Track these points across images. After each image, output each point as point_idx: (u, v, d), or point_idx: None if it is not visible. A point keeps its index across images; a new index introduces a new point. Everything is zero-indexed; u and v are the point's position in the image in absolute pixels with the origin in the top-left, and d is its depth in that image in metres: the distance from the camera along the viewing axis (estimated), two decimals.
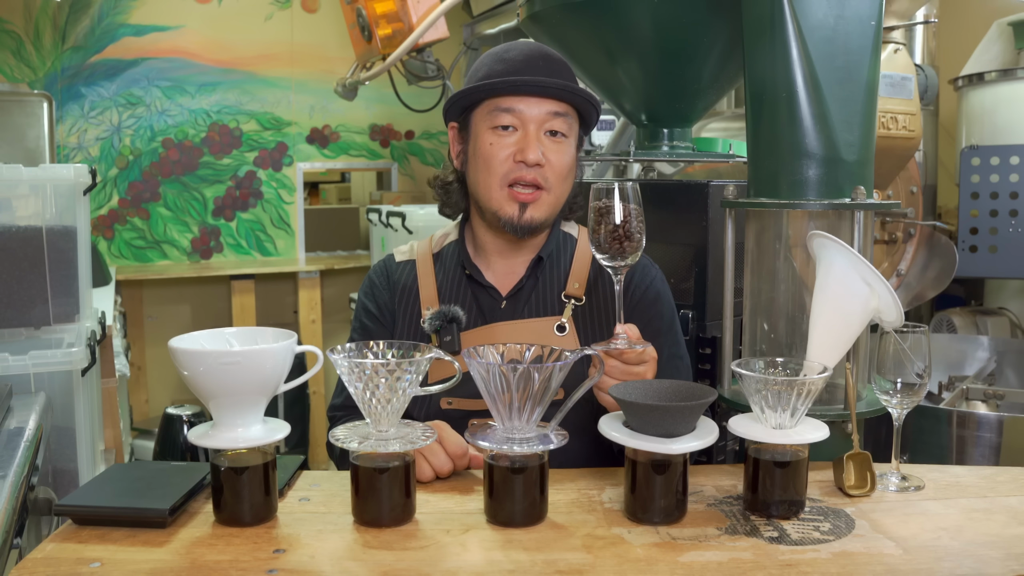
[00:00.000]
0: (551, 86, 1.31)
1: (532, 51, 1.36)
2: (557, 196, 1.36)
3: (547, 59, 1.35)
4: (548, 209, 1.35)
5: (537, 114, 1.31)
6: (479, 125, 1.35)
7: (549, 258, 1.42)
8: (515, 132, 1.32)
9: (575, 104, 1.35)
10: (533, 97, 1.31)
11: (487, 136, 1.33)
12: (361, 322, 1.47)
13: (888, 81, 1.97)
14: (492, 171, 1.33)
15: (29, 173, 1.82)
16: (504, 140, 1.32)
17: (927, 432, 2.02)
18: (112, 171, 4.16)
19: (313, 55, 4.45)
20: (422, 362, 0.99)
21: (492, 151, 1.33)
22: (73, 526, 1.01)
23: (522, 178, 1.31)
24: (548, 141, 1.33)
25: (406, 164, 4.74)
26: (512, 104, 1.31)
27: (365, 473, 1.00)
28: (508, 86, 1.31)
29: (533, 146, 1.30)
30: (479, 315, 1.40)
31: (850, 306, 1.14)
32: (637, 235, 1.12)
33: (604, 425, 1.05)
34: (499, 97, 1.32)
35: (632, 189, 1.11)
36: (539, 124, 1.32)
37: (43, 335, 1.83)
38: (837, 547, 0.96)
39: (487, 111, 1.34)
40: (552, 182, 1.33)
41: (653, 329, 1.37)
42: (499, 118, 1.32)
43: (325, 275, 4.33)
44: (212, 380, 0.97)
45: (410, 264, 1.47)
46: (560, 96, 1.32)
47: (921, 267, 2.55)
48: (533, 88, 1.31)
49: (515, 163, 1.32)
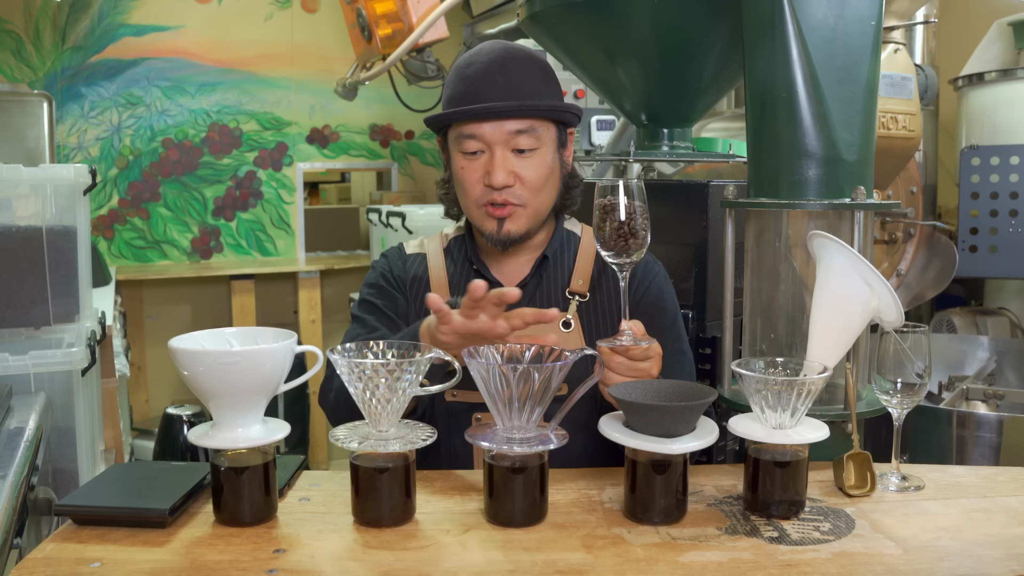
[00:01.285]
0: (504, 109, 1.30)
1: (491, 63, 1.34)
2: (535, 208, 1.36)
3: (506, 71, 1.33)
4: (527, 221, 1.36)
5: (499, 136, 1.31)
6: (452, 147, 1.38)
7: (553, 256, 1.43)
8: (482, 155, 1.33)
9: (540, 117, 1.34)
10: (492, 120, 1.31)
11: (458, 159, 1.36)
12: (380, 287, 1.45)
13: (888, 81, 1.97)
14: (466, 193, 1.36)
15: (29, 173, 1.82)
16: (473, 164, 1.34)
17: (927, 432, 2.02)
18: (112, 171, 4.16)
19: (313, 55, 4.45)
20: (422, 362, 0.99)
21: (464, 175, 1.35)
22: (73, 526, 1.01)
23: (493, 200, 1.33)
24: (516, 159, 1.33)
25: (406, 164, 4.74)
26: (473, 130, 1.32)
27: (365, 473, 1.00)
28: (463, 115, 1.32)
29: (498, 169, 1.31)
30: None
31: (850, 306, 1.14)
32: (642, 232, 1.12)
33: (604, 425, 1.05)
34: (461, 124, 1.33)
35: (637, 186, 1.12)
36: (504, 144, 1.32)
37: (43, 335, 1.83)
38: (837, 547, 0.96)
39: (455, 135, 1.35)
40: (526, 197, 1.34)
41: (656, 325, 1.38)
42: (465, 144, 1.33)
43: (325, 275, 4.33)
44: (212, 380, 0.97)
45: (420, 257, 1.48)
46: (518, 115, 1.31)
47: (921, 267, 2.55)
48: (490, 114, 1.30)
49: (485, 187, 1.33)
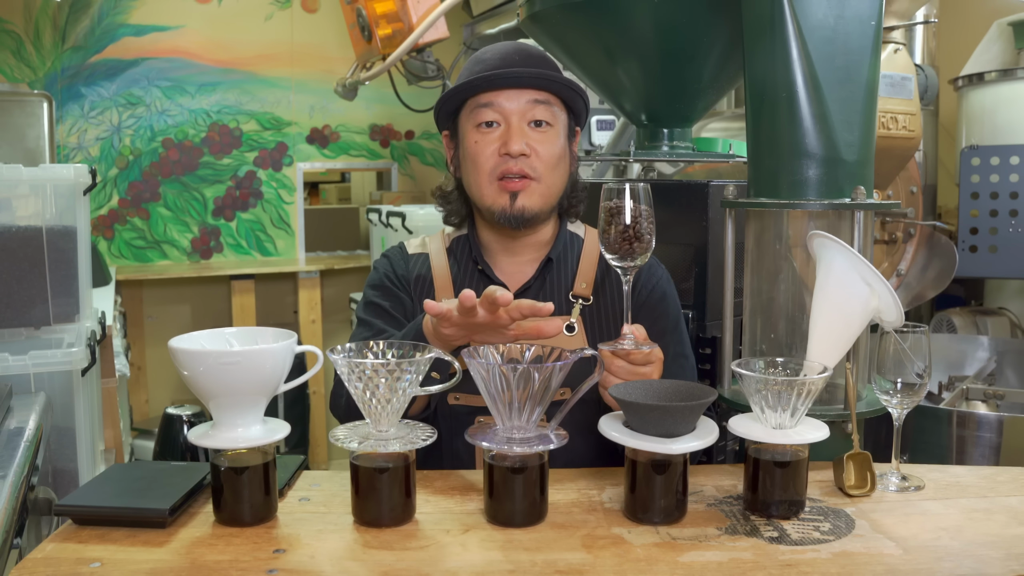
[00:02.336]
0: (525, 75, 1.33)
1: (508, 48, 1.39)
2: (548, 186, 1.36)
3: (523, 53, 1.37)
4: (540, 199, 1.36)
5: (517, 106, 1.33)
6: (465, 126, 1.38)
7: (557, 259, 1.42)
8: (498, 127, 1.34)
9: (556, 92, 1.36)
10: (511, 89, 1.33)
11: (472, 135, 1.36)
12: (384, 288, 1.44)
13: (888, 81, 1.97)
14: (480, 167, 1.35)
15: (29, 173, 1.82)
16: (488, 136, 1.34)
17: (927, 432, 2.02)
18: (112, 171, 4.16)
19: (313, 55, 4.44)
20: (422, 362, 0.99)
21: (478, 148, 1.35)
22: (73, 526, 1.01)
23: (509, 170, 1.33)
24: (532, 132, 1.34)
25: (406, 164, 4.74)
26: (491, 99, 1.34)
27: (365, 473, 1.00)
28: (484, 81, 1.33)
29: (516, 137, 1.32)
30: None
31: (850, 306, 1.14)
32: (647, 236, 1.12)
33: (604, 425, 1.05)
34: (479, 95, 1.35)
35: (643, 190, 1.12)
36: (521, 115, 1.33)
37: (43, 335, 1.83)
38: (837, 547, 0.96)
39: (470, 111, 1.36)
40: (541, 171, 1.34)
41: (659, 328, 1.38)
42: (481, 114, 1.34)
43: (325, 275, 4.33)
44: (212, 380, 0.97)
45: (423, 257, 1.48)
46: (537, 84, 1.34)
47: (921, 267, 2.55)
48: (509, 80, 1.33)
49: (501, 156, 1.33)
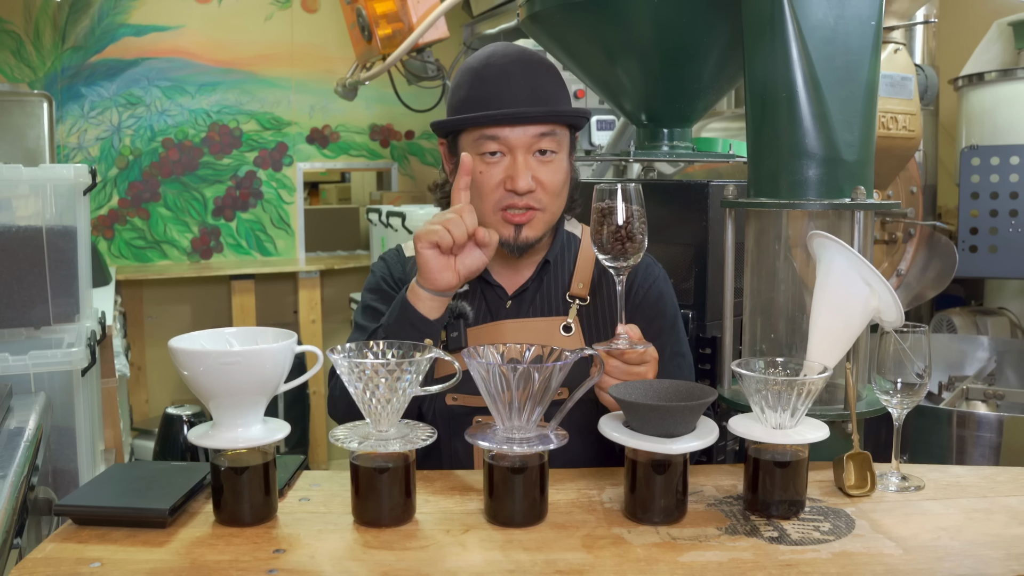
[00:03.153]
0: (535, 116, 1.28)
1: (510, 66, 1.32)
2: (552, 213, 1.34)
3: (527, 75, 1.32)
4: (543, 226, 1.34)
5: (523, 139, 1.29)
6: (467, 150, 1.33)
7: (554, 260, 1.42)
8: (503, 157, 1.30)
9: (561, 123, 1.32)
10: (518, 125, 1.28)
11: (476, 163, 1.31)
12: (381, 291, 1.43)
13: (888, 81, 1.97)
14: (484, 198, 1.31)
15: (29, 173, 1.82)
16: (493, 168, 1.30)
17: (927, 432, 2.02)
18: (112, 171, 4.16)
19: (313, 55, 4.45)
20: (422, 362, 0.99)
21: (482, 179, 1.30)
22: (73, 526, 1.01)
23: (514, 205, 1.30)
24: (537, 163, 1.30)
25: (406, 164, 4.74)
26: (496, 132, 1.29)
27: (365, 473, 1.00)
28: (491, 120, 1.28)
29: (522, 173, 1.28)
30: (486, 312, 1.40)
31: (850, 306, 1.14)
32: (639, 236, 1.12)
33: (604, 425, 1.05)
34: (483, 127, 1.29)
35: (635, 190, 1.12)
36: (527, 148, 1.29)
37: (43, 335, 1.83)
38: (837, 547, 0.96)
39: (473, 138, 1.31)
40: (546, 202, 1.31)
41: (656, 328, 1.37)
42: (485, 145, 1.29)
43: (325, 275, 4.33)
44: (212, 380, 0.97)
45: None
46: (546, 121, 1.30)
47: (921, 267, 2.55)
48: (517, 119, 1.28)
49: (506, 191, 1.29)
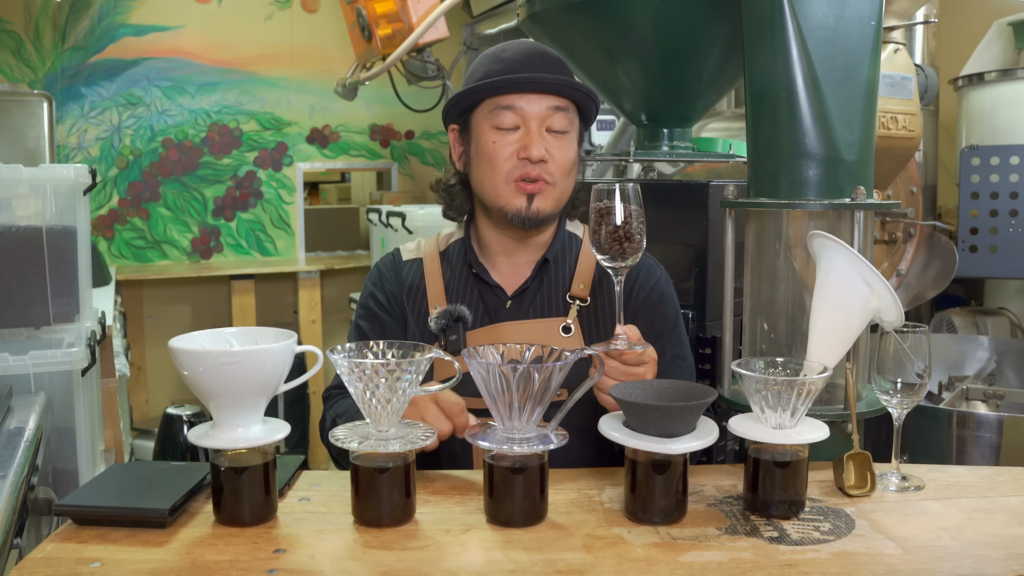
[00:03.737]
0: (550, 82, 1.32)
1: (529, 49, 1.38)
2: (562, 190, 1.37)
3: (544, 56, 1.37)
4: (554, 202, 1.36)
5: (538, 110, 1.33)
6: (481, 125, 1.36)
7: (554, 259, 1.42)
8: (517, 130, 1.33)
9: (575, 99, 1.36)
10: (533, 94, 1.32)
11: (489, 135, 1.34)
12: (369, 310, 1.45)
13: (888, 81, 1.97)
14: (497, 169, 1.34)
15: (29, 173, 1.82)
16: (507, 138, 1.33)
17: (927, 432, 2.02)
18: (112, 171, 4.16)
19: (313, 55, 4.45)
20: (422, 362, 0.99)
21: (496, 149, 1.33)
22: (73, 526, 1.01)
23: (527, 175, 1.32)
24: (550, 137, 1.34)
25: (406, 164, 4.74)
26: (513, 102, 1.32)
27: (365, 473, 1.00)
28: (508, 84, 1.32)
29: (536, 142, 1.31)
30: (485, 314, 1.40)
31: (850, 306, 1.14)
32: (638, 236, 1.12)
33: (604, 425, 1.05)
34: (499, 96, 1.33)
35: (633, 190, 1.11)
36: (540, 120, 1.33)
37: (43, 335, 1.83)
38: (837, 547, 0.96)
39: (488, 110, 1.34)
40: (557, 176, 1.34)
41: (657, 330, 1.37)
42: (500, 116, 1.33)
43: (325, 275, 4.33)
44: (212, 380, 0.97)
45: (417, 262, 1.47)
46: (560, 91, 1.34)
47: (921, 267, 2.55)
48: (533, 85, 1.32)
49: (519, 160, 1.32)
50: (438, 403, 1.15)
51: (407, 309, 1.44)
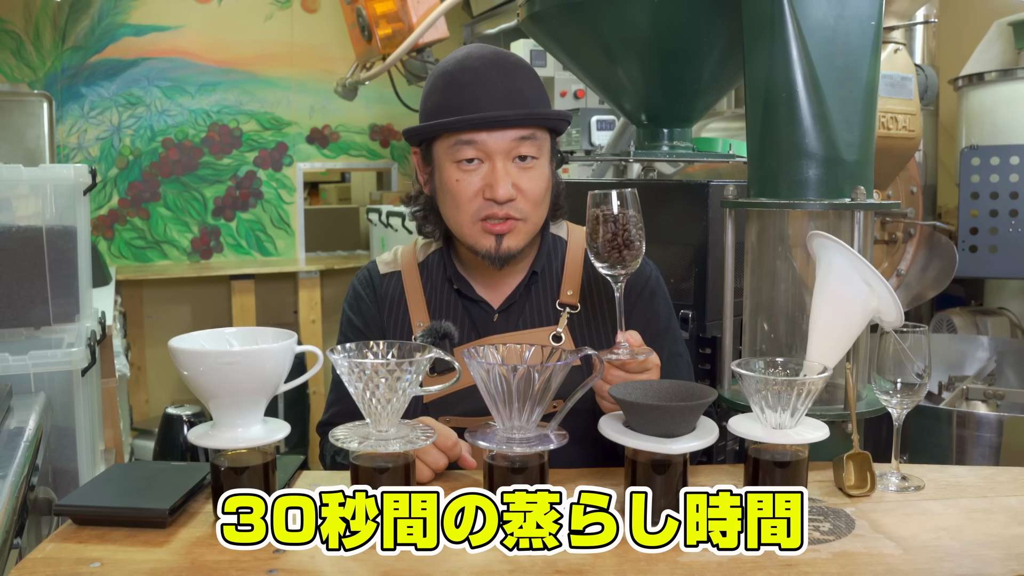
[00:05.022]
0: (514, 119, 1.21)
1: (486, 69, 1.24)
2: (535, 223, 1.29)
3: (504, 74, 1.24)
4: (526, 236, 1.28)
5: (502, 144, 1.22)
6: (442, 157, 1.26)
7: (542, 270, 1.36)
8: (481, 164, 1.23)
9: (542, 126, 1.26)
10: (496, 130, 1.22)
11: (451, 171, 1.24)
12: (346, 337, 1.38)
13: (888, 81, 1.97)
14: (461, 208, 1.25)
15: (29, 173, 1.82)
16: (470, 176, 1.23)
17: (927, 432, 2.02)
18: (112, 171, 4.16)
19: (313, 55, 4.45)
20: (422, 362, 0.99)
21: (459, 188, 1.24)
22: (73, 526, 1.01)
23: (494, 215, 1.23)
24: (517, 169, 1.24)
25: (406, 164, 4.74)
26: (473, 137, 1.22)
27: (365, 473, 1.00)
28: (465, 124, 1.21)
29: (502, 181, 1.21)
30: (472, 329, 1.34)
31: (850, 306, 1.13)
32: (637, 242, 1.09)
33: (604, 425, 1.05)
34: (458, 132, 1.23)
35: (631, 195, 1.08)
36: (505, 154, 1.23)
37: (43, 335, 1.83)
38: (837, 547, 0.96)
39: (448, 144, 1.24)
40: (527, 211, 1.25)
41: (652, 329, 1.35)
42: (462, 151, 1.23)
43: (325, 275, 4.33)
44: (212, 380, 0.97)
45: (395, 276, 1.39)
46: (526, 124, 1.23)
47: (921, 267, 2.55)
48: (496, 123, 1.21)
49: (484, 200, 1.23)
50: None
51: (387, 327, 1.36)
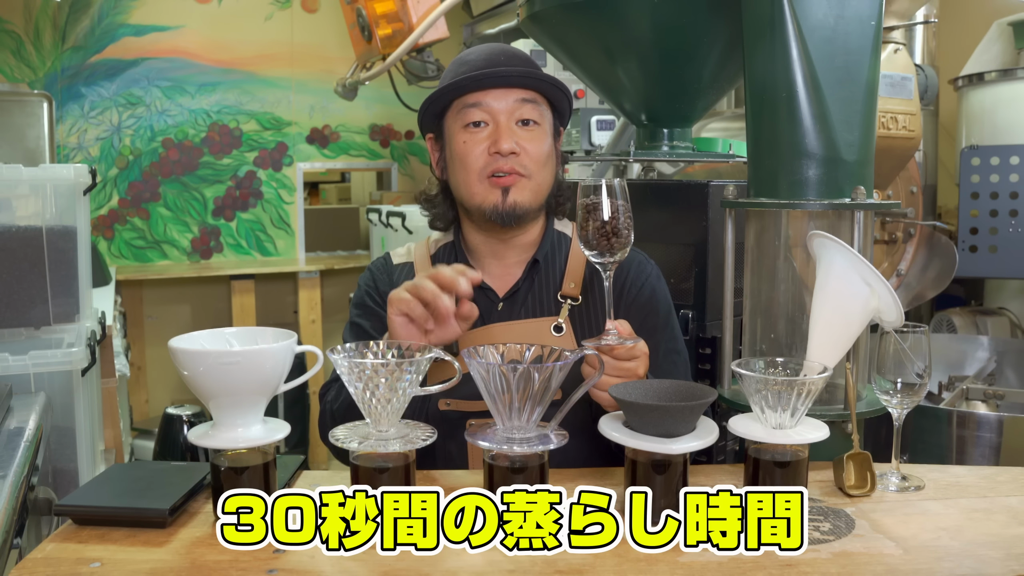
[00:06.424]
0: (514, 74, 1.33)
1: (492, 49, 1.39)
2: (538, 183, 1.36)
3: (507, 53, 1.38)
4: (531, 194, 1.35)
5: (505, 105, 1.33)
6: (452, 127, 1.37)
7: (544, 259, 1.41)
8: (487, 127, 1.34)
9: (542, 91, 1.37)
10: (499, 89, 1.33)
11: (460, 135, 1.35)
12: (366, 307, 1.44)
13: (888, 81, 1.97)
14: (469, 167, 1.34)
15: (29, 173, 1.82)
16: (477, 136, 1.34)
17: (927, 432, 2.02)
18: (112, 171, 4.16)
19: (313, 55, 4.45)
20: (422, 362, 0.99)
21: (467, 148, 1.34)
22: (73, 526, 1.01)
23: (499, 169, 1.33)
24: (521, 131, 1.34)
25: (406, 164, 4.74)
26: (479, 99, 1.33)
27: (365, 473, 1.00)
28: (472, 81, 1.33)
29: (506, 136, 1.32)
30: (477, 317, 1.39)
31: (850, 306, 1.13)
32: (625, 231, 1.11)
33: (604, 425, 1.05)
34: (466, 95, 1.34)
35: (619, 186, 1.10)
36: (509, 114, 1.33)
37: (43, 335, 1.83)
38: (837, 547, 0.96)
39: (456, 111, 1.36)
40: (531, 168, 1.34)
41: (650, 326, 1.37)
42: (469, 114, 1.34)
43: (325, 275, 4.33)
44: (212, 380, 0.97)
45: (408, 267, 1.46)
46: (525, 83, 1.34)
47: (921, 267, 2.55)
48: (497, 80, 1.33)
49: (490, 155, 1.33)
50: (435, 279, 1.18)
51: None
